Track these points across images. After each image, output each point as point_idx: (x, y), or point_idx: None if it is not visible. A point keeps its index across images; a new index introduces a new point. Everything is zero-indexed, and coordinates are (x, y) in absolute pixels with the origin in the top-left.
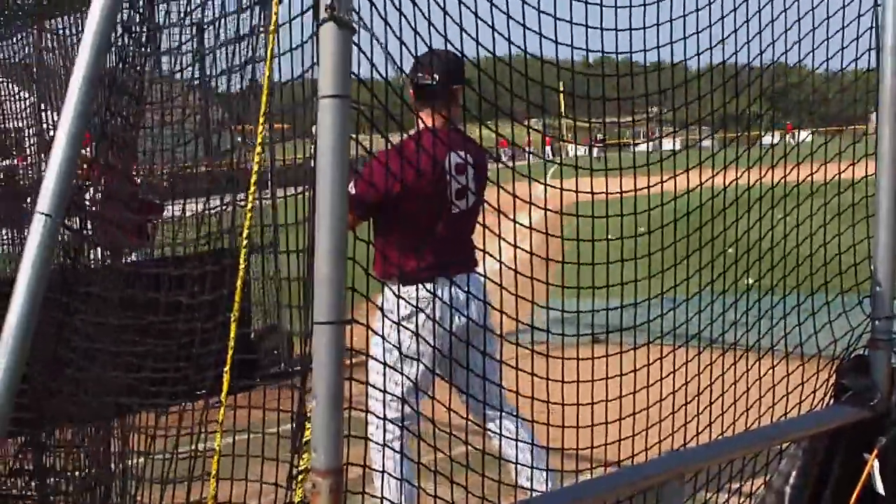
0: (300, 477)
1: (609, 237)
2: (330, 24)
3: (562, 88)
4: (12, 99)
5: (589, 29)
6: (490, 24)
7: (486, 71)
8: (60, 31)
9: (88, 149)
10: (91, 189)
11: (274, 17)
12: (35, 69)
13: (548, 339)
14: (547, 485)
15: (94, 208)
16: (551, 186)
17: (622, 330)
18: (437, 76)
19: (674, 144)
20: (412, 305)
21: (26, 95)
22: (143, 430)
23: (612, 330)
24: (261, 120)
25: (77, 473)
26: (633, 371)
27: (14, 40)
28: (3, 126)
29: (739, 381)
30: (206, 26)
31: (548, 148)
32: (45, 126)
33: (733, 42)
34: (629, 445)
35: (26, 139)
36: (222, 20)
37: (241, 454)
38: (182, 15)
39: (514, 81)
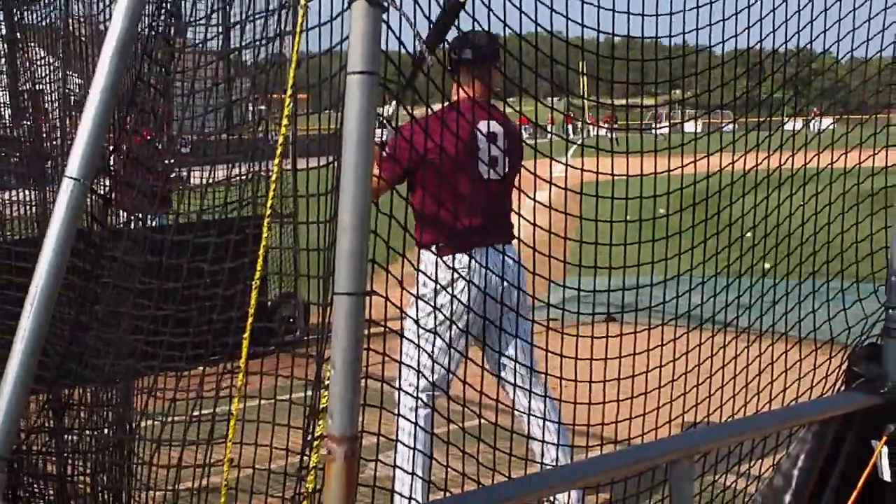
0: (316, 443)
1: (627, 218)
2: (361, 2)
3: (584, 70)
4: (39, 62)
5: (615, 13)
6: (517, 3)
7: (510, 51)
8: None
9: (120, 115)
10: (116, 154)
11: None
12: (62, 34)
13: (563, 317)
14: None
15: (120, 173)
16: (571, 167)
17: (637, 310)
18: (477, 51)
19: (696, 127)
20: (452, 272)
21: (52, 60)
22: (161, 392)
23: (628, 310)
24: (288, 92)
25: (95, 433)
26: (646, 351)
27: (41, 4)
28: (30, 88)
29: (752, 365)
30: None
31: (569, 126)
32: (69, 89)
33: (759, 29)
34: (639, 424)
35: (50, 102)
36: None
37: (253, 419)
38: None
39: (538, 60)
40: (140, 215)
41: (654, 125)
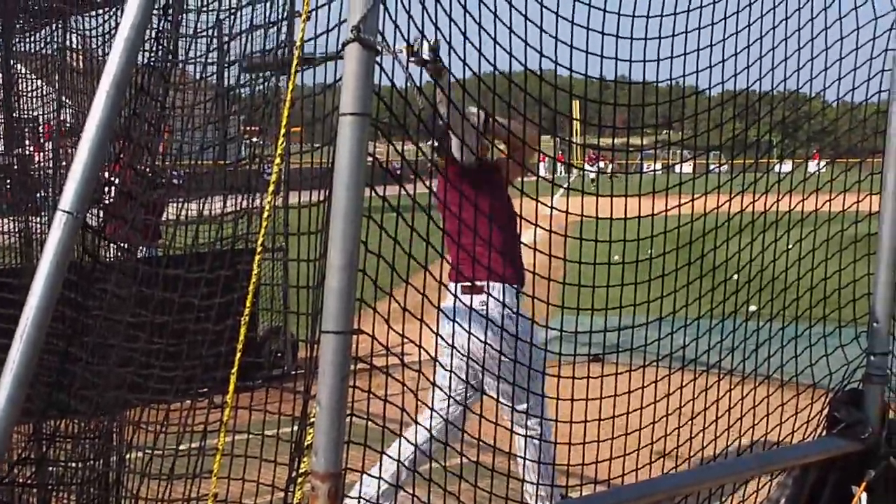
0: (300, 479)
1: (615, 259)
2: (354, 45)
3: (576, 114)
4: (34, 93)
5: (605, 59)
6: (507, 48)
7: (499, 94)
8: (86, 31)
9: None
10: (109, 187)
11: (300, 34)
12: (58, 64)
13: (545, 357)
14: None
15: (113, 205)
16: (557, 210)
17: (619, 351)
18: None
19: (681, 168)
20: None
21: (48, 90)
22: (146, 426)
23: (611, 350)
24: (281, 131)
25: (80, 465)
26: (627, 392)
27: (39, 35)
28: (22, 115)
29: (735, 407)
30: (232, 37)
31: (560, 165)
32: (63, 119)
33: (748, 73)
34: (620, 465)
35: (44, 132)
36: (250, 32)
37: (240, 454)
38: (210, 24)
39: (528, 102)
40: (132, 248)
41: (645, 166)
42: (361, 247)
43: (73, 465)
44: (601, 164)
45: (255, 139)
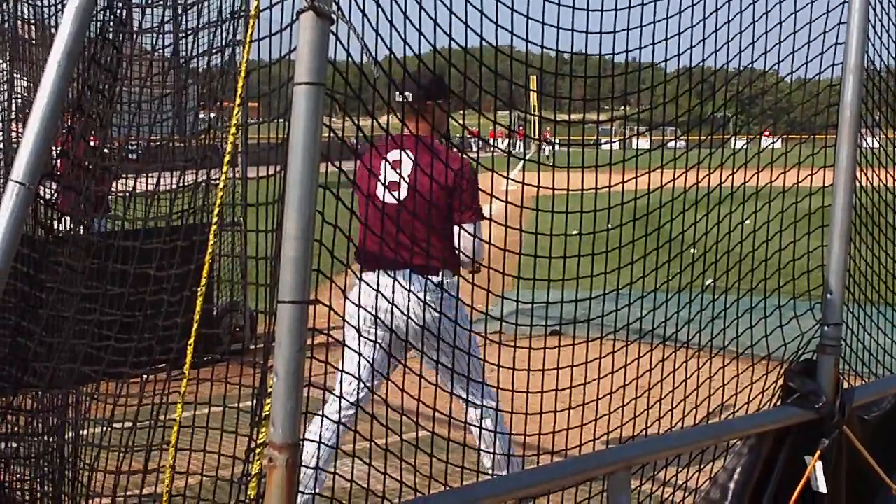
0: (258, 450)
1: (573, 232)
2: (309, 13)
3: (532, 86)
4: None
5: (562, 30)
6: (463, 19)
7: (455, 65)
8: (38, 1)
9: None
10: (62, 158)
11: (255, 4)
12: (9, 36)
13: (500, 329)
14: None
15: (65, 177)
16: (514, 181)
17: (576, 322)
18: (408, 95)
19: (637, 143)
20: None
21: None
22: (104, 398)
23: (568, 322)
24: (237, 101)
25: (35, 439)
26: (584, 363)
27: None
28: None
29: (690, 379)
30: (187, 6)
31: (519, 141)
32: (15, 92)
33: (703, 46)
34: (577, 435)
35: None
36: (204, 1)
37: (200, 426)
38: None
39: (484, 75)
40: (82, 219)
41: (602, 140)
42: (318, 218)
43: (28, 439)
44: (555, 141)
45: (211, 114)
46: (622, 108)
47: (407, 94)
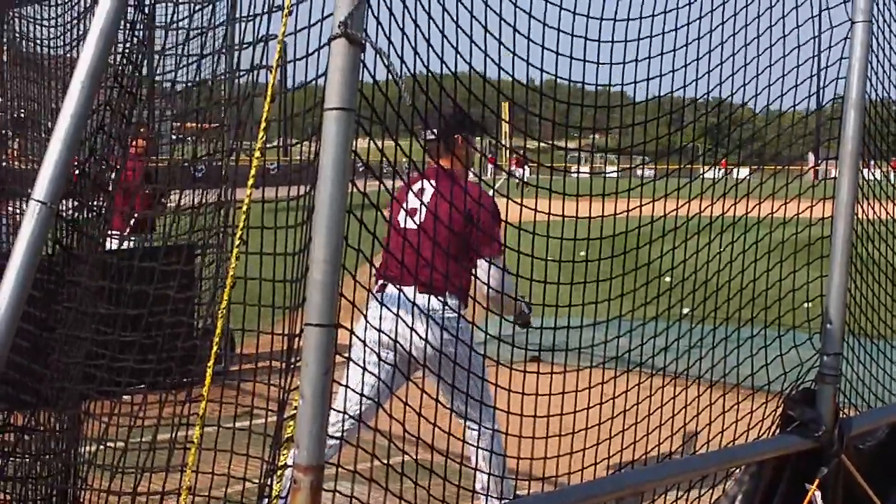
0: (279, 472)
1: (549, 258)
2: (341, 40)
3: (505, 115)
4: None
5: (538, 50)
6: (437, 47)
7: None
8: (37, 20)
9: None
10: (81, 178)
11: (282, 28)
12: (8, 55)
13: (484, 354)
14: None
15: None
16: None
17: (554, 350)
18: (433, 132)
19: (640, 173)
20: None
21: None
22: (97, 419)
23: (546, 349)
24: (262, 125)
25: (40, 457)
26: (574, 391)
27: None
28: None
29: (690, 407)
30: (212, 29)
31: (490, 167)
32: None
33: (673, 78)
34: (567, 462)
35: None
36: (229, 25)
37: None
38: (189, 15)
39: (458, 101)
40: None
41: (570, 169)
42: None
43: (29, 458)
44: (526, 169)
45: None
46: (591, 136)
47: (432, 130)
